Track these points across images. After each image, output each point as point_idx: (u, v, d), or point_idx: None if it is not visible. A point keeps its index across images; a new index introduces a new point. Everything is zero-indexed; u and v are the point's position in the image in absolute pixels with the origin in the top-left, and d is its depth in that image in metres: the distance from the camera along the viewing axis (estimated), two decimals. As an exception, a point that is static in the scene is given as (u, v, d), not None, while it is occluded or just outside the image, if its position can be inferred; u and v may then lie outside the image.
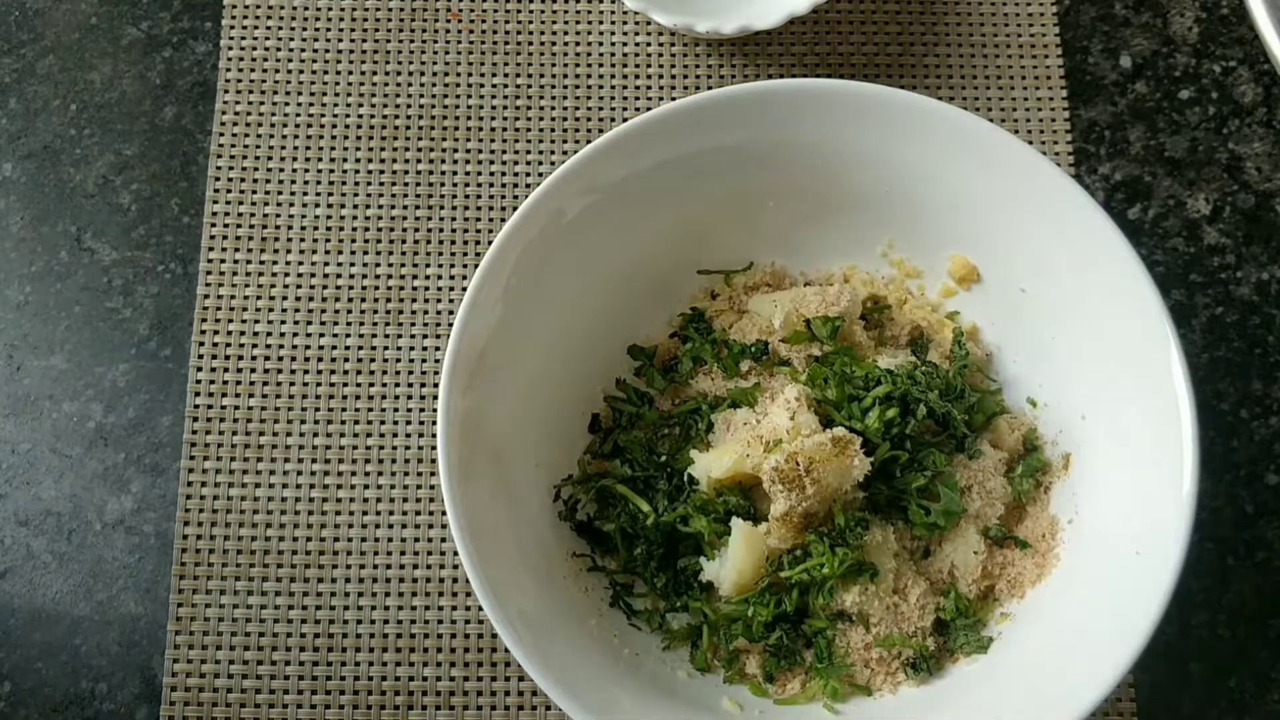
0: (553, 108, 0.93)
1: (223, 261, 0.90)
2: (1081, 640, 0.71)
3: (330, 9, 0.95)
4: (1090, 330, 0.77)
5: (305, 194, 0.91)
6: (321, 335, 0.88)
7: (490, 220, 0.91)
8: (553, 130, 0.93)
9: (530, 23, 0.95)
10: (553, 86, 0.94)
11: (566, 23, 0.95)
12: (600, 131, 0.92)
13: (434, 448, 0.84)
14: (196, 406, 0.87)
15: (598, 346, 0.84)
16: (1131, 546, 0.71)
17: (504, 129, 0.93)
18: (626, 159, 0.78)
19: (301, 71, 0.94)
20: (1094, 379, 0.78)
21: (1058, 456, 0.80)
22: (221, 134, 0.92)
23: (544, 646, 0.69)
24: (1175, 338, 0.72)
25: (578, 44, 0.95)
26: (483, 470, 0.74)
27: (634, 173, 0.79)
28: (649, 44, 0.95)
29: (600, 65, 0.94)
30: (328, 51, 0.95)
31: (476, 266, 0.75)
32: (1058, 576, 0.76)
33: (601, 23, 0.95)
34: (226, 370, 0.87)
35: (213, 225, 0.91)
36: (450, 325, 0.85)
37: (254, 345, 0.88)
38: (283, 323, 0.89)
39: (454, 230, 0.91)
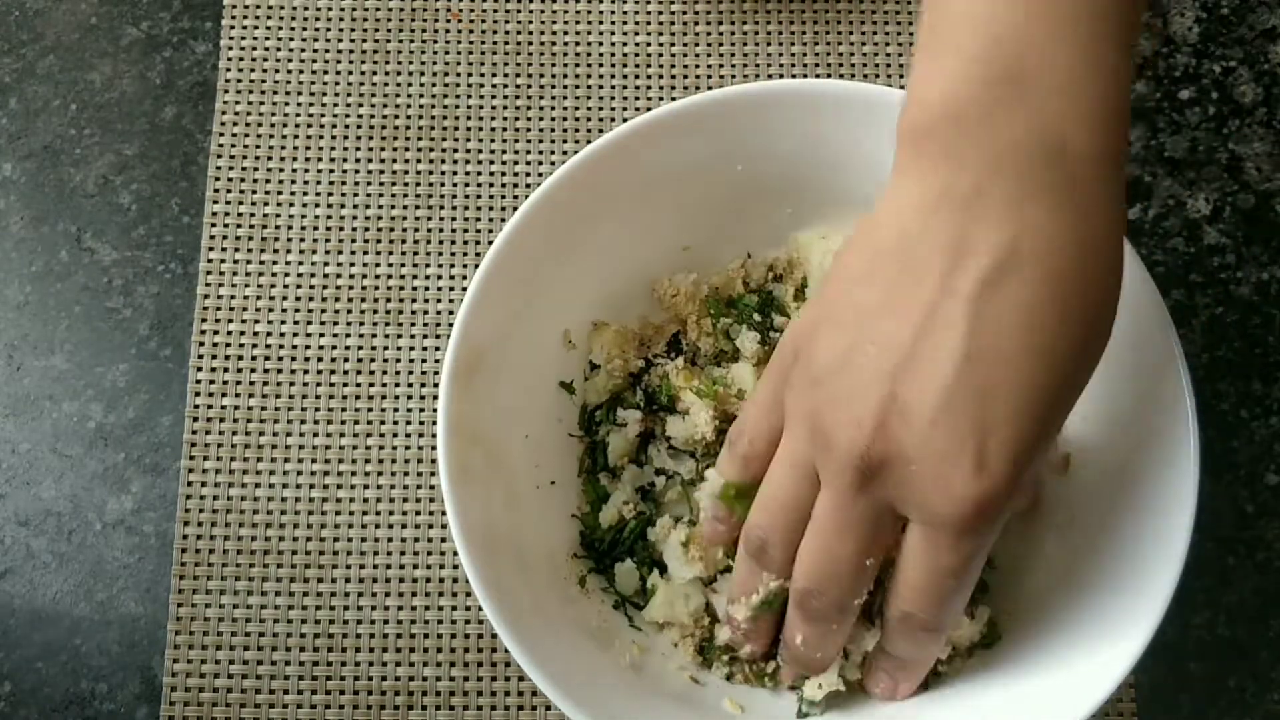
0: (553, 108, 0.93)
1: (223, 261, 0.90)
2: (1081, 640, 0.71)
3: (330, 9, 0.95)
4: (1090, 330, 0.77)
5: (305, 194, 0.91)
6: (321, 335, 0.88)
7: (490, 220, 0.91)
8: (553, 130, 0.93)
9: (530, 23, 0.95)
10: (553, 86, 0.94)
11: (566, 23, 0.95)
12: (600, 131, 0.92)
13: (434, 448, 0.84)
14: (196, 406, 0.87)
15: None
16: (1131, 546, 0.71)
17: (504, 129, 0.93)
18: (627, 158, 0.78)
19: (301, 71, 0.94)
20: (1094, 379, 0.77)
21: (1058, 457, 0.80)
22: (221, 134, 0.92)
23: (544, 647, 0.69)
24: (1175, 338, 0.72)
25: (578, 44, 0.95)
26: (483, 470, 0.74)
27: (634, 172, 0.79)
28: (649, 44, 0.95)
29: (600, 65, 0.94)
30: (328, 51, 0.95)
31: (476, 266, 0.75)
32: (1058, 576, 0.76)
33: (601, 23, 0.95)
34: (226, 370, 0.87)
35: (213, 225, 0.91)
36: (450, 325, 0.85)
37: (254, 345, 0.88)
38: (283, 323, 0.89)
39: (454, 230, 0.91)
